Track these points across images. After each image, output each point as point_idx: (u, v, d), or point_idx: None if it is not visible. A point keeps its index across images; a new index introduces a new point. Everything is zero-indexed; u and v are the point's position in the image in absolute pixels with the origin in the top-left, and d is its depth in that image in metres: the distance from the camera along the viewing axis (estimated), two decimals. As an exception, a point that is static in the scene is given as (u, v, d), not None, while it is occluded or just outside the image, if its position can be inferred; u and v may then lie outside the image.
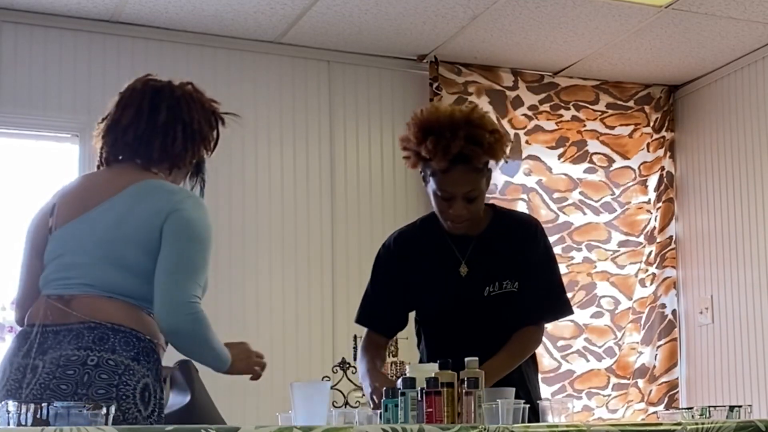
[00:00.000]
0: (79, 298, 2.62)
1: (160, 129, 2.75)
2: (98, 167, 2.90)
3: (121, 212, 2.64)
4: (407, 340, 3.29)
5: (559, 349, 5.75)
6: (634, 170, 6.07)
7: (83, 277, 2.64)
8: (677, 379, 5.94)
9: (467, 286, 3.15)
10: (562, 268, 5.76)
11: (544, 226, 5.81)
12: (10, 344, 2.70)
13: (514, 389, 2.76)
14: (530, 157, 5.84)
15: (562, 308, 3.26)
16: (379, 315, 3.27)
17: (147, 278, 2.60)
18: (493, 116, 5.74)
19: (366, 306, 3.30)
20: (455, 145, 2.98)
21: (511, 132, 5.80)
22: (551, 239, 5.76)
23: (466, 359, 2.70)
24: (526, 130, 5.85)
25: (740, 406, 2.97)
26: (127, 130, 2.77)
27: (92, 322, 2.55)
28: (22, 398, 2.44)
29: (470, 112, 3.06)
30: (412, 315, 3.34)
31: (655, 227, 6.02)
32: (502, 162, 3.17)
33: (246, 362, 2.76)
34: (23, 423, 2.13)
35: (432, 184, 3.09)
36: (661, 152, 6.10)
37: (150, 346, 2.61)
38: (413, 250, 3.24)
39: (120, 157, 2.82)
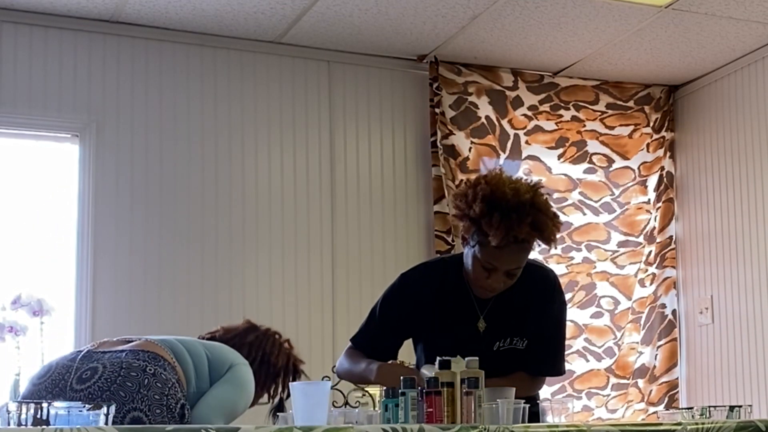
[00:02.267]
0: (143, 340, 2.94)
1: (245, 345, 3.22)
2: None
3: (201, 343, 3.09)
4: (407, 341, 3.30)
5: (559, 349, 5.75)
6: (633, 170, 6.07)
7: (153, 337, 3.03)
8: (677, 379, 5.94)
9: (483, 341, 3.16)
10: (562, 269, 5.82)
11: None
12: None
13: (514, 389, 2.76)
14: (530, 157, 5.84)
15: (558, 370, 3.28)
16: (378, 347, 3.24)
17: (201, 376, 2.96)
18: (493, 116, 5.76)
19: (368, 334, 3.26)
20: (520, 231, 2.95)
21: (511, 132, 5.80)
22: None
23: (467, 359, 2.70)
24: (525, 130, 5.85)
25: (740, 406, 2.97)
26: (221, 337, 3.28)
27: (147, 351, 2.86)
28: (74, 391, 2.73)
29: (535, 195, 3.01)
30: None
31: (654, 227, 6.02)
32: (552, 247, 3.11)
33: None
34: (23, 423, 2.14)
35: (477, 251, 3.04)
36: (660, 152, 6.10)
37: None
38: (432, 292, 3.19)
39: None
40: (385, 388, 2.69)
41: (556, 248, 3.33)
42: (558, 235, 3.07)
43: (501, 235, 2.94)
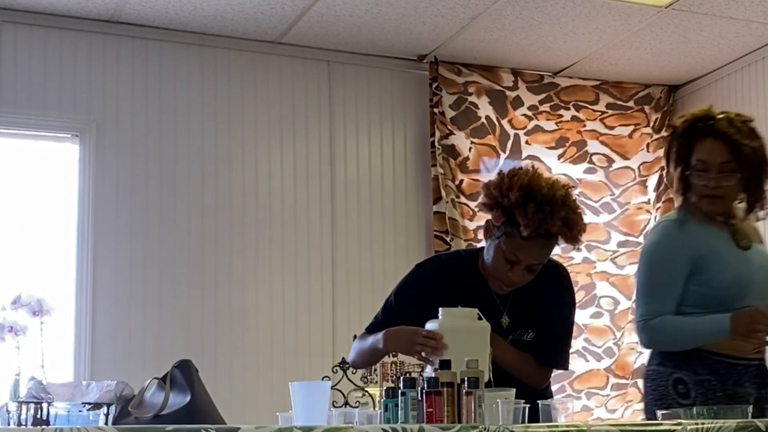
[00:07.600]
0: None
1: None
2: None
3: None
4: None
5: (558, 349, 5.75)
6: (633, 170, 6.07)
7: None
8: (677, 379, 5.93)
9: (505, 335, 3.16)
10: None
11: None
12: None
13: (514, 390, 2.75)
14: (530, 157, 5.84)
15: (563, 362, 3.32)
16: None
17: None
18: (493, 116, 5.76)
19: (384, 324, 3.17)
20: (552, 224, 2.97)
21: (511, 132, 5.80)
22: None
23: (466, 359, 2.70)
24: (526, 130, 5.85)
25: (740, 406, 2.97)
26: None
27: None
28: None
29: (567, 193, 3.05)
30: None
31: (654, 227, 6.02)
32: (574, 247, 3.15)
33: (747, 327, 3.15)
34: (23, 423, 2.14)
35: (502, 243, 3.04)
36: (660, 152, 6.08)
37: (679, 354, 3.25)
38: (452, 285, 3.17)
39: None
40: (385, 388, 2.69)
41: (579, 250, 3.35)
42: (582, 238, 3.09)
43: (533, 226, 2.96)
